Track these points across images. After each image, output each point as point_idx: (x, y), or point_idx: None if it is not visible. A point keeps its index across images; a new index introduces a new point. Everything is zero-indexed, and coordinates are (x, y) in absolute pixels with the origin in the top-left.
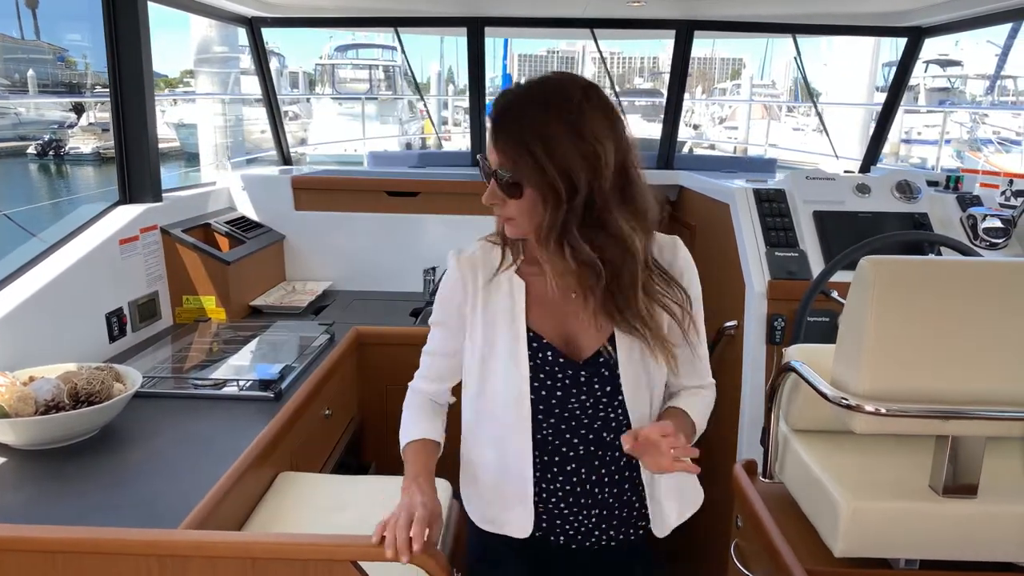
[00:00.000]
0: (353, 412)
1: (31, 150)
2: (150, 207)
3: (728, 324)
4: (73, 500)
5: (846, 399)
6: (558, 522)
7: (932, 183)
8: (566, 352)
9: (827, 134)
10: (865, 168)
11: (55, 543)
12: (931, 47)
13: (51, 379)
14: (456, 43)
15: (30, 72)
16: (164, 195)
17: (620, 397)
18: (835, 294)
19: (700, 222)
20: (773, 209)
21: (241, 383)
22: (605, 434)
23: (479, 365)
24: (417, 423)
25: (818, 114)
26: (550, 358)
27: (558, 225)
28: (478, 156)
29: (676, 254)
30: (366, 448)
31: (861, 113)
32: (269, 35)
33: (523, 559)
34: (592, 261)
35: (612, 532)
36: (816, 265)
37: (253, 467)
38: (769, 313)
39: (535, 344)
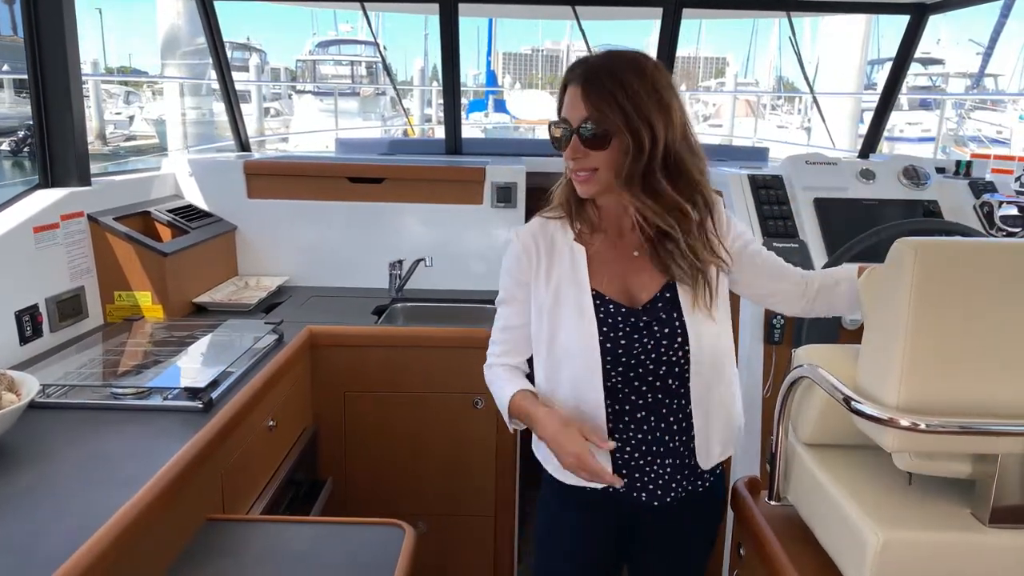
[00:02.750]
0: (306, 422)
1: (5, 147)
2: (74, 191)
3: None
4: None
5: (876, 411)
6: (636, 474)
7: (939, 169)
8: (627, 303)
9: (824, 123)
10: (864, 155)
11: None
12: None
13: None
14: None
15: (4, 67)
16: (97, 179)
17: (679, 340)
18: None
19: None
20: (770, 196)
21: (165, 392)
22: (671, 380)
23: (548, 325)
24: (511, 381)
25: (815, 101)
26: (612, 309)
27: (641, 171)
28: (550, 123)
29: (718, 208)
30: (322, 462)
31: (850, 108)
32: (251, 30)
33: (606, 513)
34: (677, 202)
35: (686, 483)
36: (818, 256)
37: (169, 493)
38: (767, 310)
39: (598, 301)
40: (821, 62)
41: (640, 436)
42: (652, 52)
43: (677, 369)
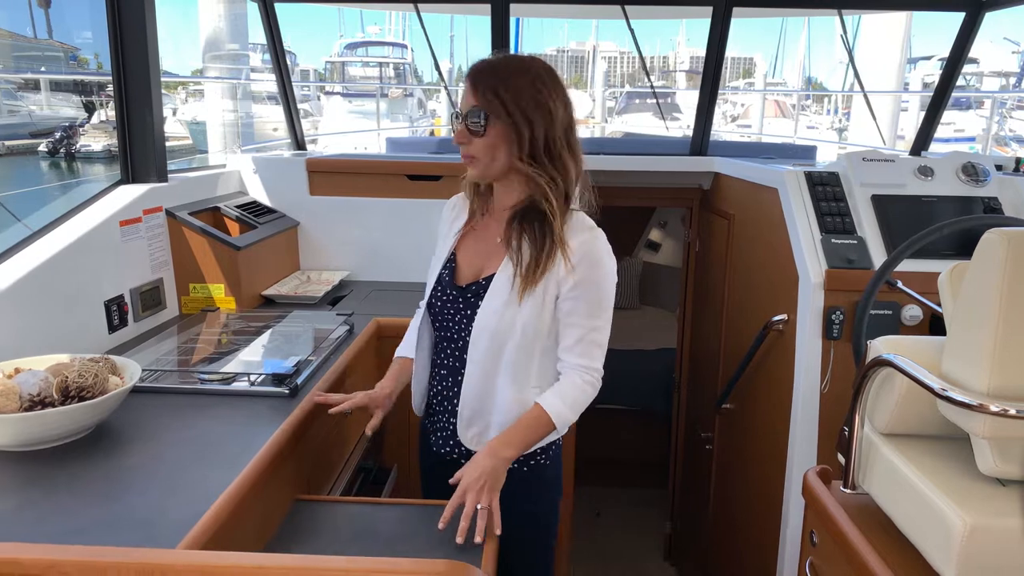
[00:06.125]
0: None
1: (42, 147)
2: (154, 187)
3: (776, 318)
4: (63, 513)
5: (966, 398)
6: (436, 421)
7: (997, 166)
8: (461, 279)
9: (876, 121)
10: (916, 151)
11: (42, 564)
12: (944, 46)
13: (39, 371)
14: (466, 42)
15: (42, 69)
16: (170, 176)
17: (472, 326)
18: (900, 284)
19: (739, 211)
20: (827, 193)
21: (253, 378)
22: (455, 360)
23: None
24: (407, 341)
25: (866, 101)
26: (445, 276)
27: (526, 151)
28: (451, 114)
29: (583, 237)
30: (387, 451)
31: (890, 107)
32: (280, 32)
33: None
34: (554, 177)
35: (464, 450)
36: (876, 253)
37: (267, 473)
38: (826, 306)
39: (450, 264)
40: (860, 61)
41: (443, 391)
42: (681, 50)
43: (465, 348)
